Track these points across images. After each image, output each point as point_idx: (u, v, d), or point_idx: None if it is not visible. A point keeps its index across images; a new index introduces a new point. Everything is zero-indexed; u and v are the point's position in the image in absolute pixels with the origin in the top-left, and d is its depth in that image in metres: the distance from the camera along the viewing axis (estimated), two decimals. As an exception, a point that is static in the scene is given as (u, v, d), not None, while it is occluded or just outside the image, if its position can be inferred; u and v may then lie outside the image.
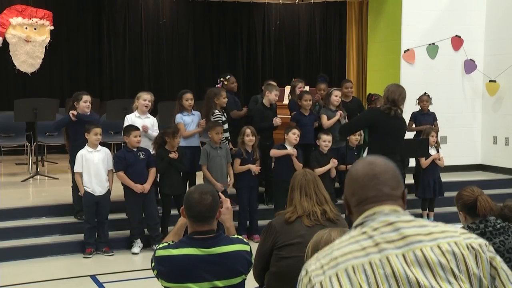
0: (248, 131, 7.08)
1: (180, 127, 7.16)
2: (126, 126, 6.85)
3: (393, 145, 5.98)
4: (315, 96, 8.28)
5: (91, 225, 6.59)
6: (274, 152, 7.23)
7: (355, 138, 7.59)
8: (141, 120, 7.15)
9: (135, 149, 6.70)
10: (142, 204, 6.73)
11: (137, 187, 6.59)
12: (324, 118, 7.75)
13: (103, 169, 6.67)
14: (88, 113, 7.19)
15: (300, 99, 7.81)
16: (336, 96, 7.84)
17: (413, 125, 8.42)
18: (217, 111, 7.40)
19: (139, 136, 6.70)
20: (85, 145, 6.69)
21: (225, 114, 7.57)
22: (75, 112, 6.97)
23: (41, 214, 7.14)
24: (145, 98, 7.21)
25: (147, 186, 6.65)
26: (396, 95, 6.07)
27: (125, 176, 6.64)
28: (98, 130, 6.64)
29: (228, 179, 7.20)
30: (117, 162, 6.73)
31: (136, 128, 6.74)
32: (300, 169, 7.07)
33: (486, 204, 3.69)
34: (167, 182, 6.90)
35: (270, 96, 7.74)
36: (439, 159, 7.85)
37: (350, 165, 7.48)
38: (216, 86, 7.91)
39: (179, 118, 7.33)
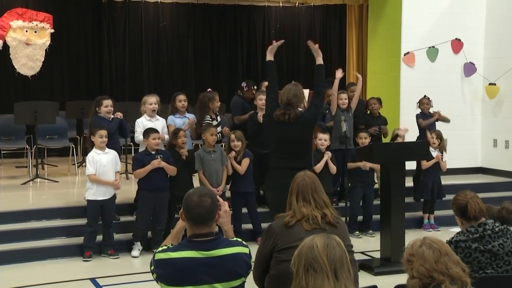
0: (232, 136, 7.10)
1: (170, 129, 7.22)
2: (146, 129, 6.88)
3: (295, 151, 5.42)
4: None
5: (93, 228, 6.58)
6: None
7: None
8: (152, 123, 7.19)
9: (153, 152, 6.71)
10: (153, 208, 6.73)
11: (153, 163, 6.57)
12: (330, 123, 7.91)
13: (111, 171, 6.68)
14: (111, 118, 7.26)
15: None
16: (341, 100, 7.93)
17: (423, 123, 8.52)
18: (208, 116, 7.42)
19: (158, 139, 6.73)
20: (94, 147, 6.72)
21: (218, 118, 7.59)
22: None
23: (41, 217, 7.13)
24: (150, 102, 7.29)
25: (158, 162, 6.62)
26: (290, 95, 5.45)
27: (140, 169, 6.62)
28: (103, 132, 6.66)
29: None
30: (134, 163, 6.77)
31: (155, 131, 6.76)
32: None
33: (476, 206, 3.71)
34: (178, 184, 6.89)
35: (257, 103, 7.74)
36: (442, 161, 7.90)
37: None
38: (208, 90, 7.86)
39: (170, 120, 7.39)
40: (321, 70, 5.70)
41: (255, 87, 8.30)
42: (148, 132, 6.76)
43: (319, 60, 5.71)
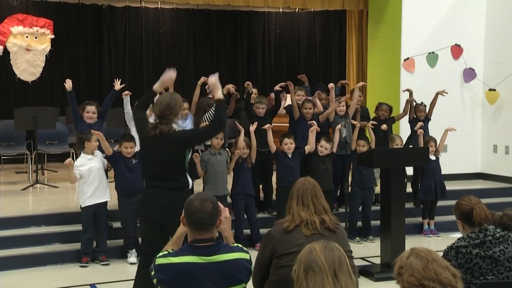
0: (243, 144, 7.13)
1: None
2: (121, 135, 6.90)
3: (161, 171, 4.75)
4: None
5: (90, 235, 6.56)
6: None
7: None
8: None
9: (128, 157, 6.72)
10: (137, 212, 6.68)
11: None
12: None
13: (104, 173, 6.68)
14: (92, 123, 7.20)
15: (301, 108, 7.88)
16: (338, 106, 7.95)
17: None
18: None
19: (131, 148, 6.69)
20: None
21: None
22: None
23: (41, 222, 7.12)
24: None
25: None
26: (162, 106, 4.71)
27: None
28: (95, 136, 6.63)
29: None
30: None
31: (129, 139, 6.73)
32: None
33: (481, 212, 3.70)
34: None
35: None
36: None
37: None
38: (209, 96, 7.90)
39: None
40: (219, 106, 4.86)
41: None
42: (121, 139, 6.78)
43: (218, 94, 4.85)
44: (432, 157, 7.90)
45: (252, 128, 7.20)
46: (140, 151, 5.21)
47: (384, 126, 8.18)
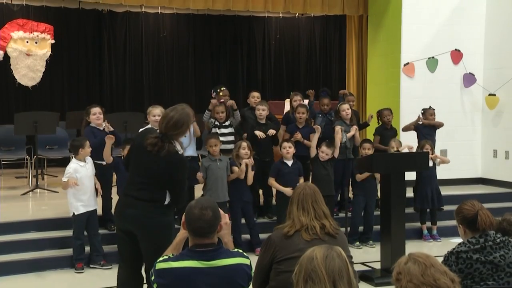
0: (244, 144, 7.11)
1: None
2: (124, 139, 6.90)
3: (145, 181, 4.43)
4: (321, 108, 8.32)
5: (82, 241, 6.54)
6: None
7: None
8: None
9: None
10: None
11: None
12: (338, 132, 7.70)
13: (93, 180, 6.66)
14: (102, 125, 7.16)
15: (294, 112, 7.86)
16: (343, 111, 7.93)
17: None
18: (212, 120, 7.64)
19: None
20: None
21: (230, 125, 7.69)
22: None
23: (41, 227, 7.12)
24: (154, 113, 6.94)
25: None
26: (170, 124, 4.38)
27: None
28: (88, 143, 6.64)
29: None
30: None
31: (129, 142, 6.73)
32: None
33: (486, 219, 3.69)
34: None
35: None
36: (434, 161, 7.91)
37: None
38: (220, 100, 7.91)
39: None
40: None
41: (223, 88, 8.26)
42: (123, 142, 6.84)
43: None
44: (430, 163, 7.89)
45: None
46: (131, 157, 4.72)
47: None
